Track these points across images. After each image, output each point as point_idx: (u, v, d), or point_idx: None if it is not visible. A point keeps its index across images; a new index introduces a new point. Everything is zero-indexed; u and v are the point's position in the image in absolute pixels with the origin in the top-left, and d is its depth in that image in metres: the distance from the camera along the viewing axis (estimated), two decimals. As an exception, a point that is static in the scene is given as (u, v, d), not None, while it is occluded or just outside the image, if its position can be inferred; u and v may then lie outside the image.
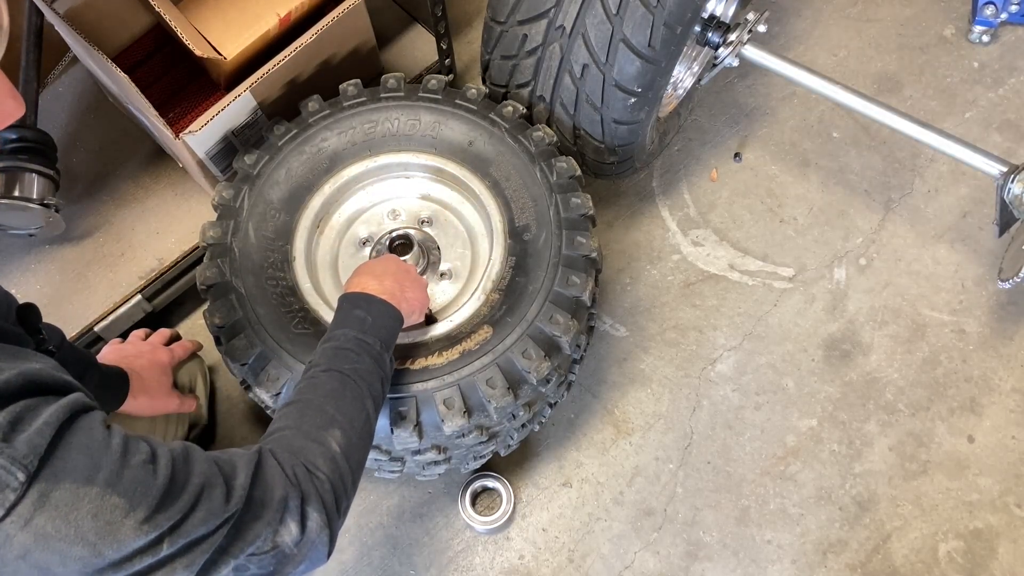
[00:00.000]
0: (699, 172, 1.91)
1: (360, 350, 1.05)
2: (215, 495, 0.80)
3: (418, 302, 1.20)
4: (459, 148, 1.39)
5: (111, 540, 0.70)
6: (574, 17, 1.36)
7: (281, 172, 1.37)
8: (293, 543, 0.86)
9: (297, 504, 0.87)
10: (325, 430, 0.95)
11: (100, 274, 1.59)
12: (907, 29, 2.05)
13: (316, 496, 0.89)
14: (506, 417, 1.31)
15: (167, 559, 0.74)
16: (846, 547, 1.58)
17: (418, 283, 1.22)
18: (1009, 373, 1.69)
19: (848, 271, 1.80)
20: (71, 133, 1.69)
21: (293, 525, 0.85)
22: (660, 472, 1.64)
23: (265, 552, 0.83)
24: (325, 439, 0.94)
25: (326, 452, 0.93)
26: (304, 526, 0.87)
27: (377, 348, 1.07)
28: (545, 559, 1.58)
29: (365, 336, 1.07)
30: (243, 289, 1.27)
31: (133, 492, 0.72)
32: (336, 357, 1.04)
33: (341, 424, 0.97)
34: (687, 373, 1.72)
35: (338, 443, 0.95)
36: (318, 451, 0.93)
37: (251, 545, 0.82)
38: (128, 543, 0.71)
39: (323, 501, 0.89)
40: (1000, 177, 1.48)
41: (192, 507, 0.77)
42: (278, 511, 0.85)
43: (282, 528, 0.85)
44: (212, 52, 1.46)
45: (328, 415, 0.97)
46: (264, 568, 0.84)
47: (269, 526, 0.83)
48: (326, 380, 1.02)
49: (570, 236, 1.30)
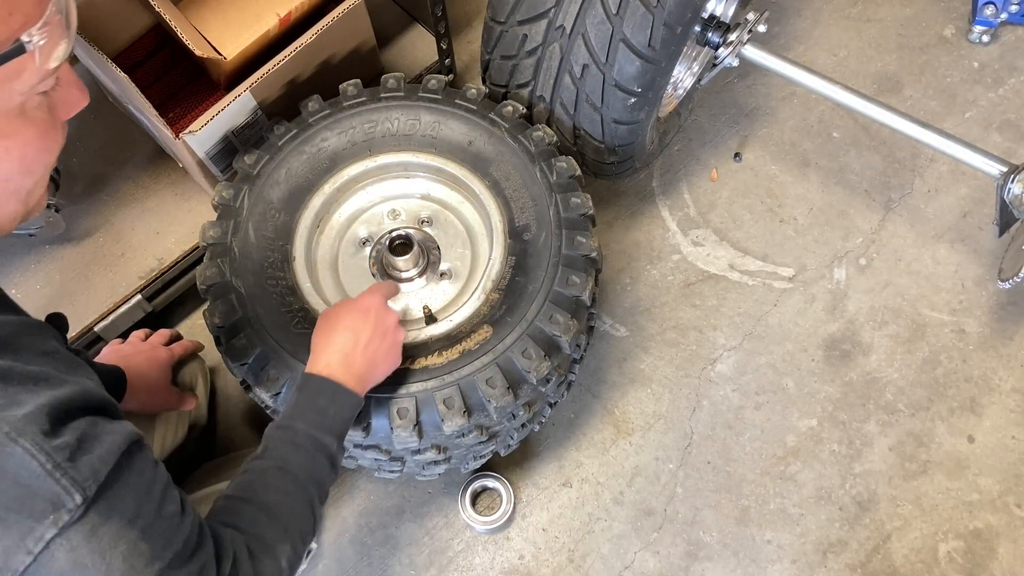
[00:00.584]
0: (699, 172, 1.91)
1: (316, 450, 1.04)
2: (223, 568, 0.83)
3: (386, 374, 1.16)
4: (459, 148, 1.39)
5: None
6: (574, 17, 1.36)
7: (281, 172, 1.37)
8: None
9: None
10: (279, 544, 0.96)
11: (100, 274, 1.59)
12: (907, 29, 2.05)
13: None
14: (506, 417, 1.31)
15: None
16: (846, 547, 1.58)
17: (393, 346, 1.15)
18: (1009, 373, 1.69)
19: (848, 271, 1.80)
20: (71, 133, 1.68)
21: None
22: (660, 472, 1.64)
23: None
24: (278, 555, 0.95)
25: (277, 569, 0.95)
26: None
27: (333, 447, 1.05)
28: (545, 559, 1.58)
29: (322, 435, 1.04)
30: (243, 289, 1.27)
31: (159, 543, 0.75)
32: (292, 454, 1.03)
33: (292, 538, 0.98)
34: (687, 373, 1.72)
35: (287, 559, 0.96)
36: (272, 568, 0.94)
37: None
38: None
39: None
40: (1000, 177, 1.48)
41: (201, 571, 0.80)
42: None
43: None
44: (212, 52, 1.46)
45: (283, 527, 0.97)
46: None
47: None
48: (281, 484, 1.01)
49: (570, 236, 1.30)
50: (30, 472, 0.67)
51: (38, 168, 0.75)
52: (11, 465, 0.67)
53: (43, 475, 0.67)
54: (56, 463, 0.68)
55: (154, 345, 1.52)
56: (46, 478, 0.67)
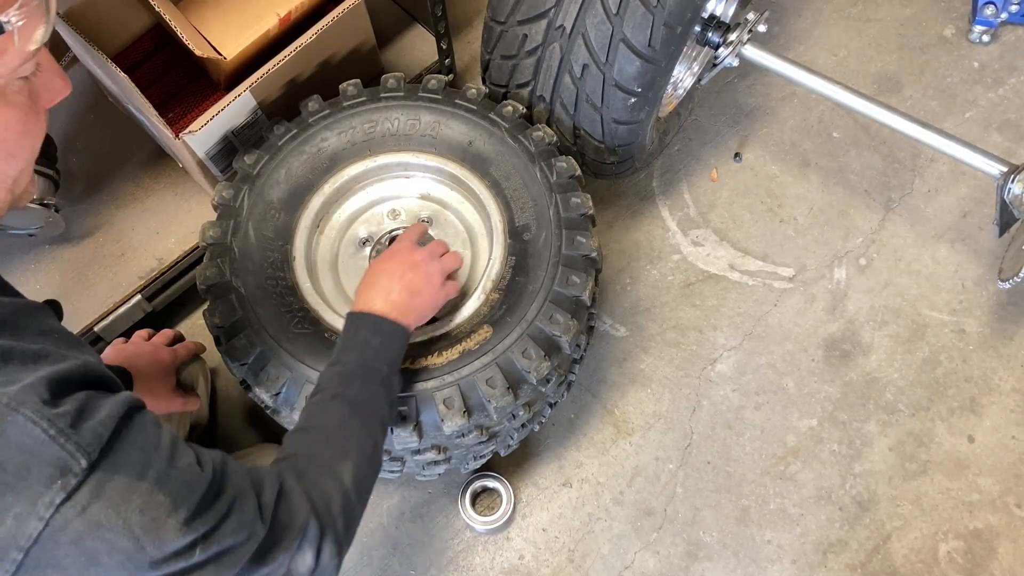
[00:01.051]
0: (699, 172, 1.91)
1: (368, 376, 1.06)
2: (247, 507, 0.82)
3: (430, 305, 1.19)
4: (459, 148, 1.39)
5: (154, 537, 0.72)
6: (574, 17, 1.36)
7: (281, 172, 1.37)
8: (307, 572, 0.88)
9: (316, 534, 0.89)
10: (338, 463, 0.97)
11: (100, 274, 1.59)
12: (907, 29, 2.05)
13: (331, 528, 0.92)
14: (506, 417, 1.31)
15: (197, 565, 0.75)
16: (846, 547, 1.58)
17: (429, 280, 1.19)
18: (1009, 373, 1.69)
19: (848, 271, 1.80)
20: (71, 133, 1.69)
21: (309, 555, 0.88)
22: (660, 472, 1.64)
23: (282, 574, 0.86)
24: (338, 473, 0.96)
25: (339, 486, 0.95)
26: (318, 557, 0.90)
27: (384, 372, 1.08)
28: (545, 559, 1.58)
29: (372, 361, 1.07)
30: (243, 289, 1.27)
31: (178, 492, 0.74)
32: (344, 384, 1.05)
33: (352, 457, 0.99)
34: (687, 373, 1.72)
35: (350, 477, 0.97)
36: (332, 485, 0.95)
37: (268, 565, 0.83)
38: (168, 542, 0.73)
39: (336, 534, 0.92)
40: (1000, 177, 1.48)
41: (226, 515, 0.78)
42: (298, 537, 0.87)
43: (299, 556, 0.87)
44: (212, 52, 1.46)
45: (340, 448, 0.99)
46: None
47: (287, 551, 0.86)
48: (335, 409, 1.03)
49: (570, 236, 1.30)
50: (34, 439, 0.67)
51: (20, 153, 0.75)
52: (14, 433, 0.67)
53: (47, 440, 0.67)
54: (59, 429, 0.68)
55: (157, 346, 1.52)
56: (50, 444, 0.67)
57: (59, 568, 0.68)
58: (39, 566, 0.67)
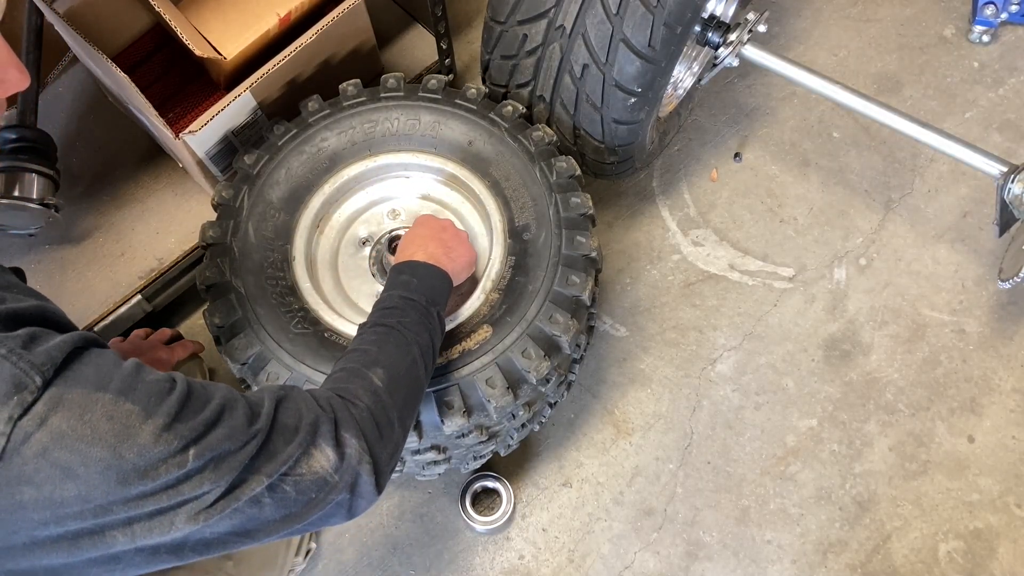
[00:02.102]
0: (699, 172, 1.91)
1: (405, 306, 1.08)
2: (237, 414, 0.79)
3: (464, 259, 1.23)
4: (459, 148, 1.39)
5: (130, 444, 0.71)
6: (574, 17, 1.36)
7: (281, 172, 1.37)
8: (332, 468, 0.84)
9: (330, 429, 0.86)
10: (367, 368, 0.97)
11: (100, 274, 1.59)
12: (907, 29, 2.05)
13: (352, 423, 0.88)
14: (506, 417, 1.31)
15: (194, 472, 0.74)
16: (846, 547, 1.58)
17: (459, 239, 1.25)
18: (1009, 373, 1.69)
19: (848, 271, 1.80)
20: (71, 133, 1.69)
21: (328, 450, 0.84)
22: (660, 472, 1.64)
23: (301, 475, 0.82)
24: (366, 375, 0.96)
25: (367, 385, 0.94)
26: (342, 452, 0.86)
27: (423, 303, 1.10)
28: (545, 559, 1.58)
29: (410, 294, 1.10)
30: (243, 289, 1.27)
31: (147, 401, 0.73)
32: (382, 315, 1.08)
33: (384, 364, 0.98)
34: (687, 373, 1.72)
35: (380, 379, 0.96)
36: (358, 384, 0.94)
37: (282, 465, 0.80)
38: (149, 449, 0.71)
39: (361, 428, 0.89)
40: (1000, 177, 1.48)
41: (214, 422, 0.77)
42: (309, 434, 0.84)
43: (315, 451, 0.83)
44: (212, 52, 1.46)
45: (371, 356, 0.99)
46: (304, 493, 0.82)
47: (300, 447, 0.82)
48: (370, 333, 1.05)
49: (570, 236, 1.30)
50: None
51: None
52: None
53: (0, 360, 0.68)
54: (10, 349, 0.69)
55: (154, 345, 1.52)
56: (2, 362, 0.68)
57: (33, 483, 0.68)
58: (10, 483, 0.67)
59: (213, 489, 0.75)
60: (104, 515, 0.70)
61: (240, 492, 0.77)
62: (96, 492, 0.69)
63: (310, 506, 0.83)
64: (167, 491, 0.72)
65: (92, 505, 0.70)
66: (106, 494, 0.70)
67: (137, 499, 0.71)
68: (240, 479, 0.77)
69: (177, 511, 0.73)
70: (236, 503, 0.76)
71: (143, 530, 0.72)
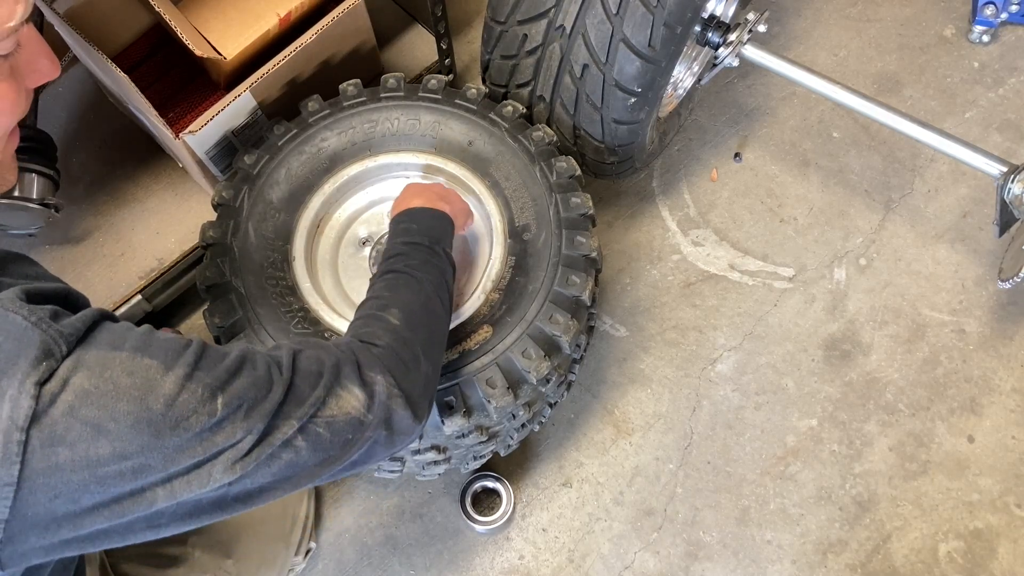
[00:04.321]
0: (699, 172, 1.91)
1: (409, 250, 1.09)
2: (258, 364, 0.80)
3: (460, 203, 1.24)
4: (459, 148, 1.39)
5: (155, 394, 0.71)
6: (574, 17, 1.36)
7: (281, 172, 1.37)
8: (363, 407, 0.85)
9: (353, 369, 0.86)
10: (382, 311, 0.97)
11: (100, 274, 1.59)
12: (907, 29, 2.05)
13: (376, 361, 0.89)
14: (506, 417, 1.31)
15: (225, 420, 0.74)
16: (846, 547, 1.58)
17: (452, 193, 1.25)
18: (1009, 373, 1.69)
19: (848, 271, 1.80)
20: (71, 133, 1.69)
21: (356, 389, 0.85)
22: (660, 472, 1.64)
23: (333, 417, 0.82)
24: (382, 316, 0.96)
25: (384, 325, 0.95)
26: (371, 390, 0.86)
27: (426, 243, 1.10)
28: (545, 559, 1.58)
29: (412, 238, 1.10)
30: (243, 289, 1.27)
31: (165, 355, 0.74)
32: (388, 263, 1.08)
33: (398, 304, 0.99)
34: (687, 373, 1.72)
35: (396, 318, 0.96)
36: (376, 325, 0.95)
37: (312, 407, 0.81)
38: (175, 397, 0.72)
39: (386, 366, 0.89)
40: (1000, 177, 1.48)
41: (235, 371, 0.77)
42: (332, 376, 0.84)
43: (342, 391, 0.84)
44: (212, 52, 1.46)
45: (383, 300, 1.00)
46: (339, 434, 0.83)
47: (325, 389, 0.83)
48: (380, 282, 1.05)
49: (570, 236, 1.30)
50: (17, 327, 0.69)
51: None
52: None
53: (30, 327, 0.69)
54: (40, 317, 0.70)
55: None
56: (33, 329, 0.69)
57: (67, 443, 0.68)
58: (44, 445, 0.68)
59: (247, 437, 0.75)
60: (143, 473, 0.71)
61: (273, 438, 0.77)
62: (131, 447, 0.70)
63: (347, 447, 0.84)
64: (202, 443, 0.73)
65: (130, 463, 0.70)
66: (141, 448, 0.70)
67: (173, 452, 0.72)
68: (272, 425, 0.77)
69: (214, 462, 0.74)
70: (271, 448, 0.77)
71: (183, 484, 0.73)
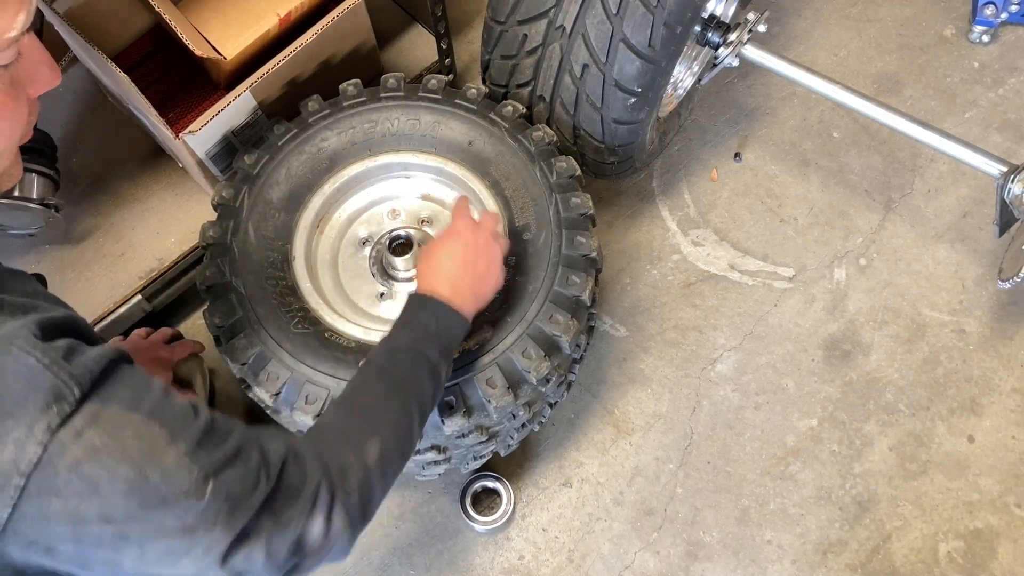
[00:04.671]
0: (699, 172, 1.91)
1: (417, 361, 1.04)
2: (252, 455, 0.80)
3: (491, 289, 1.16)
4: (459, 148, 1.39)
5: (155, 464, 0.71)
6: (574, 17, 1.36)
7: (281, 172, 1.37)
8: (319, 537, 0.86)
9: (327, 499, 0.87)
10: (365, 438, 0.96)
11: (100, 274, 1.59)
12: (907, 29, 2.05)
13: (344, 500, 0.89)
14: (506, 417, 1.31)
15: (207, 510, 0.74)
16: (846, 547, 1.58)
17: (493, 266, 1.16)
18: (1009, 373, 1.69)
19: (848, 271, 1.80)
20: (71, 133, 1.69)
21: (321, 519, 0.86)
22: (660, 472, 1.64)
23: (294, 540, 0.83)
24: (363, 447, 0.95)
25: (361, 460, 0.94)
26: (330, 524, 0.87)
27: (434, 358, 1.05)
28: (545, 559, 1.58)
29: (425, 346, 1.05)
30: (243, 289, 1.27)
31: (174, 425, 0.74)
32: (392, 363, 1.04)
33: (382, 435, 0.97)
34: (687, 373, 1.72)
35: (375, 454, 0.95)
36: (353, 457, 0.94)
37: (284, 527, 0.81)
38: (173, 471, 0.72)
39: (348, 506, 0.90)
40: (1000, 177, 1.48)
41: (233, 457, 0.77)
42: (310, 499, 0.85)
43: (312, 520, 0.85)
44: (212, 52, 1.46)
45: (371, 424, 0.98)
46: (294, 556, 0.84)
47: (300, 514, 0.84)
48: (377, 387, 1.02)
49: (570, 236, 1.30)
50: (29, 368, 0.68)
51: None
52: (9, 364, 0.68)
53: (42, 369, 0.68)
54: (52, 359, 0.69)
55: (154, 344, 1.52)
56: (44, 372, 0.68)
57: (61, 496, 0.68)
58: (41, 493, 0.67)
59: (222, 539, 0.76)
60: (120, 541, 0.72)
61: (243, 546, 0.78)
62: (117, 512, 0.70)
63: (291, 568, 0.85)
64: (182, 533, 0.73)
65: (111, 528, 0.71)
66: (126, 516, 0.71)
67: (153, 530, 0.72)
68: (245, 532, 0.78)
69: (187, 554, 0.75)
70: (236, 555, 0.77)
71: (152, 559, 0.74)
